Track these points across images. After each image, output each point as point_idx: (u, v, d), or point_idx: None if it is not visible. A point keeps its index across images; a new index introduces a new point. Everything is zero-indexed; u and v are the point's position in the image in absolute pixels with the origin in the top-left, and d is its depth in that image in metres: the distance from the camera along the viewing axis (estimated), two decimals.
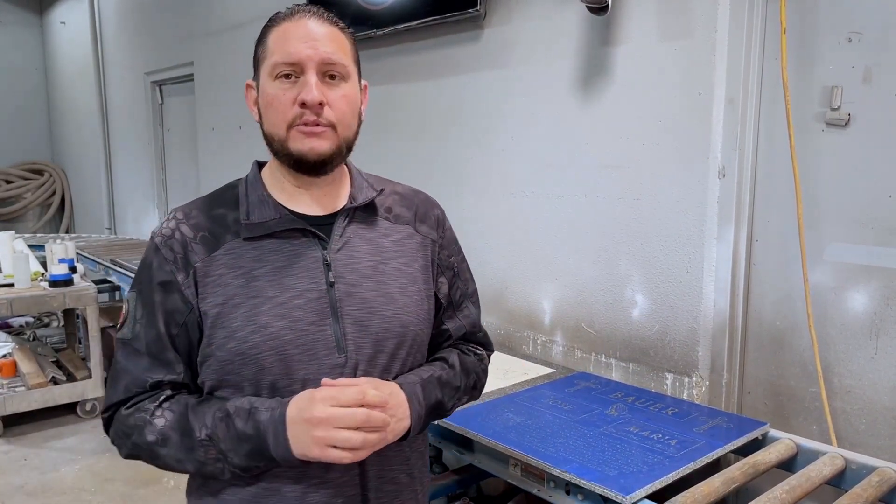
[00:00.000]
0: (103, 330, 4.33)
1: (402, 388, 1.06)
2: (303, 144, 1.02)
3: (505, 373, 2.23)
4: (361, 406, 0.95)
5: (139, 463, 1.12)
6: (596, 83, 2.25)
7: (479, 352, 1.26)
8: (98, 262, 4.38)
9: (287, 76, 1.02)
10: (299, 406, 0.96)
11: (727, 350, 2.08)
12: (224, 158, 4.57)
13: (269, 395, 1.02)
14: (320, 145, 1.03)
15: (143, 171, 5.90)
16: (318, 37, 1.02)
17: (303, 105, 1.00)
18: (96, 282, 4.35)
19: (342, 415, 0.94)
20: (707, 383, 2.06)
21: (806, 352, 1.94)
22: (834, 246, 1.89)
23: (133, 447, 1.05)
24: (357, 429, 0.95)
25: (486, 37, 2.63)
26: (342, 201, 1.12)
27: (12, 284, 3.85)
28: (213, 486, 1.08)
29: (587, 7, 2.12)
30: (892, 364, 1.80)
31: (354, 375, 1.04)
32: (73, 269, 4.02)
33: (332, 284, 1.05)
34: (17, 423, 3.98)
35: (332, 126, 1.03)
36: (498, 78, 2.60)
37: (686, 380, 2.08)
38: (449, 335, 1.21)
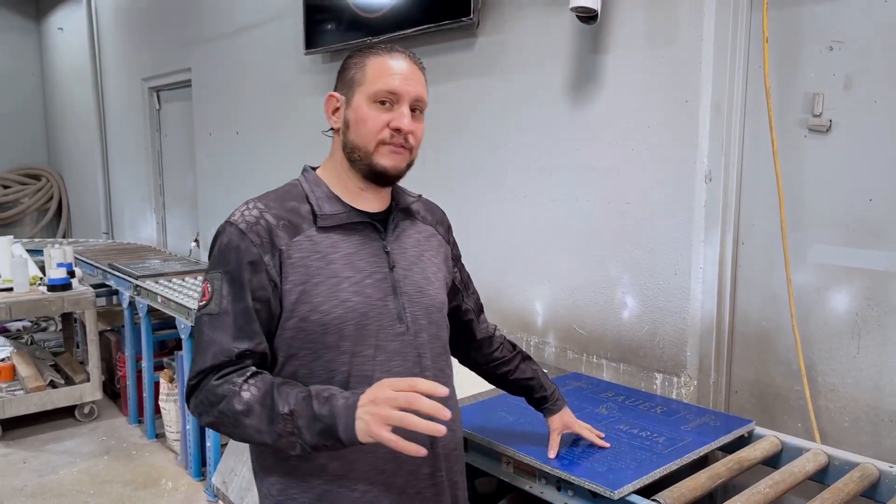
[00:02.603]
0: (101, 333, 4.36)
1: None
2: (388, 160, 1.25)
3: None
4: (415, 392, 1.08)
5: (138, 465, 1.18)
6: (586, 90, 2.31)
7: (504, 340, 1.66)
8: (96, 267, 4.41)
9: (383, 103, 1.23)
10: (369, 393, 1.10)
11: (714, 350, 2.13)
12: (221, 163, 4.60)
13: (346, 361, 1.21)
14: (399, 163, 1.27)
15: (141, 176, 5.92)
16: (414, 77, 1.26)
17: (396, 130, 1.23)
18: (94, 286, 4.38)
19: (395, 395, 1.06)
20: (695, 383, 2.11)
21: (790, 351, 1.99)
22: (817, 248, 1.94)
23: (219, 414, 1.16)
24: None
25: (480, 44, 2.68)
26: (387, 203, 1.35)
27: (11, 289, 3.87)
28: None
29: (577, 16, 2.17)
30: (874, 363, 1.85)
31: (414, 341, 1.28)
32: (71, 274, 4.05)
33: (392, 268, 1.28)
34: (16, 426, 4.00)
35: (410, 150, 1.28)
36: (491, 85, 2.65)
37: (675, 379, 2.13)
38: (472, 311, 1.57)
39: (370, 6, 3.05)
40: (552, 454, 1.60)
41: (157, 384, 3.72)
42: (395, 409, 1.06)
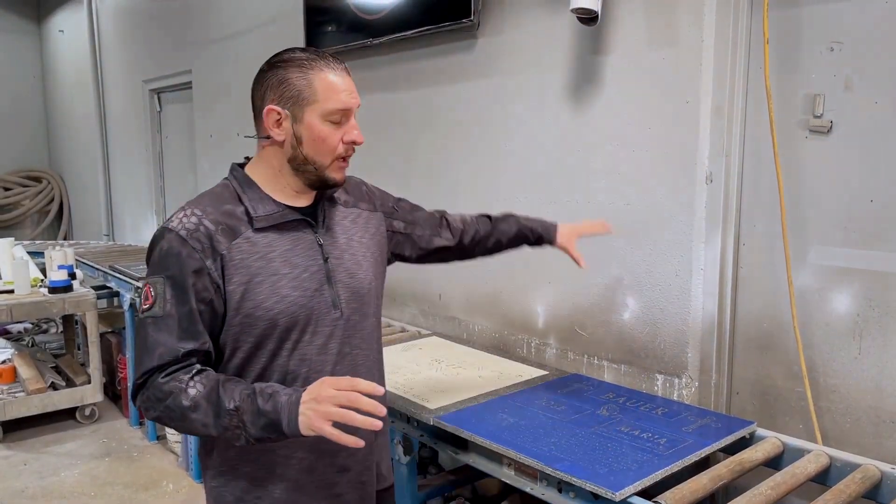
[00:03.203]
0: (102, 335, 4.37)
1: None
2: (339, 174, 1.36)
3: (499, 375, 2.27)
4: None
5: (139, 467, 1.21)
6: (586, 91, 2.31)
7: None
8: (97, 269, 4.41)
9: (336, 120, 1.31)
10: (311, 391, 1.19)
11: (716, 351, 2.12)
12: (222, 165, 4.59)
13: (289, 348, 1.32)
14: (345, 174, 1.39)
15: (141, 179, 5.92)
16: (353, 88, 1.34)
17: (352, 143, 1.34)
18: (95, 288, 4.38)
19: (338, 392, 1.17)
20: (696, 384, 2.11)
21: (792, 352, 1.99)
22: (818, 249, 1.94)
23: (164, 409, 1.24)
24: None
25: (480, 46, 2.68)
26: (313, 196, 1.41)
27: (12, 291, 3.88)
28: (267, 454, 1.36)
29: (577, 17, 2.17)
30: (875, 364, 1.85)
31: (347, 324, 1.39)
32: (72, 276, 4.05)
33: (326, 259, 1.37)
34: (17, 428, 4.01)
35: None
36: (491, 86, 2.65)
37: (676, 381, 2.13)
38: (430, 233, 1.69)
39: (370, 8, 3.05)
40: (583, 264, 1.82)
41: None
42: (335, 406, 1.15)
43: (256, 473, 1.37)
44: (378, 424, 1.16)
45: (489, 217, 1.80)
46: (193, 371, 1.25)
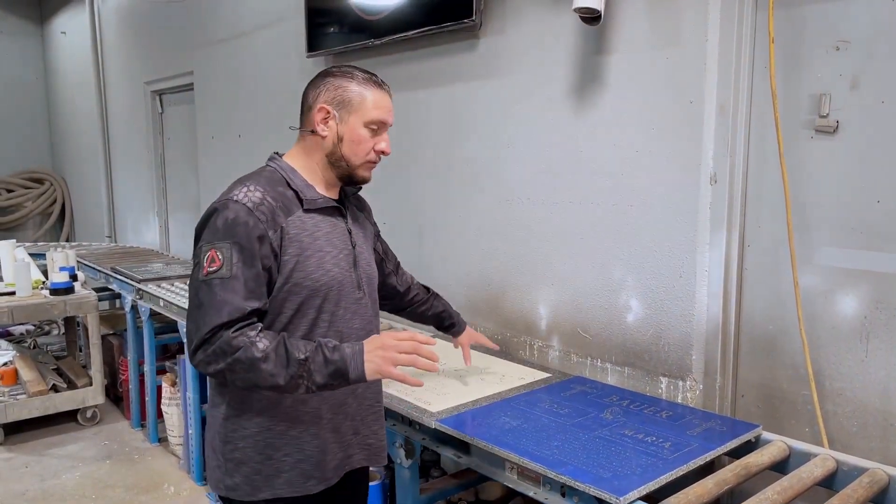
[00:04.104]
0: (104, 337, 4.36)
1: None
2: (367, 174, 1.60)
3: (502, 377, 2.26)
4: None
5: (140, 469, 1.20)
6: (589, 91, 2.29)
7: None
8: (99, 270, 4.40)
9: (373, 129, 1.54)
10: (373, 342, 1.44)
11: (720, 354, 2.10)
12: (224, 167, 4.60)
13: (326, 319, 1.53)
14: (371, 175, 1.62)
15: (143, 180, 5.92)
16: (392, 109, 1.58)
17: (382, 153, 1.58)
18: (97, 289, 4.37)
19: (400, 341, 1.45)
20: (701, 387, 2.09)
21: (797, 355, 1.97)
22: (824, 250, 1.92)
23: (233, 361, 1.37)
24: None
25: (482, 46, 2.67)
26: (338, 193, 1.64)
27: (13, 293, 3.87)
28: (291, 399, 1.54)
29: (580, 17, 2.16)
30: (882, 366, 1.83)
31: (367, 306, 1.63)
32: (73, 277, 4.05)
33: (354, 245, 1.60)
34: (18, 430, 4.00)
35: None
36: (493, 86, 2.63)
37: (680, 383, 2.11)
38: (393, 272, 1.96)
39: (372, 8, 3.04)
40: (469, 363, 2.18)
41: (159, 388, 3.71)
42: (400, 352, 1.43)
43: (288, 430, 1.53)
44: (436, 367, 1.49)
45: (427, 289, 2.08)
46: (259, 328, 1.41)
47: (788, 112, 1.94)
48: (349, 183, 1.61)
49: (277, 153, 1.61)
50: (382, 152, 1.57)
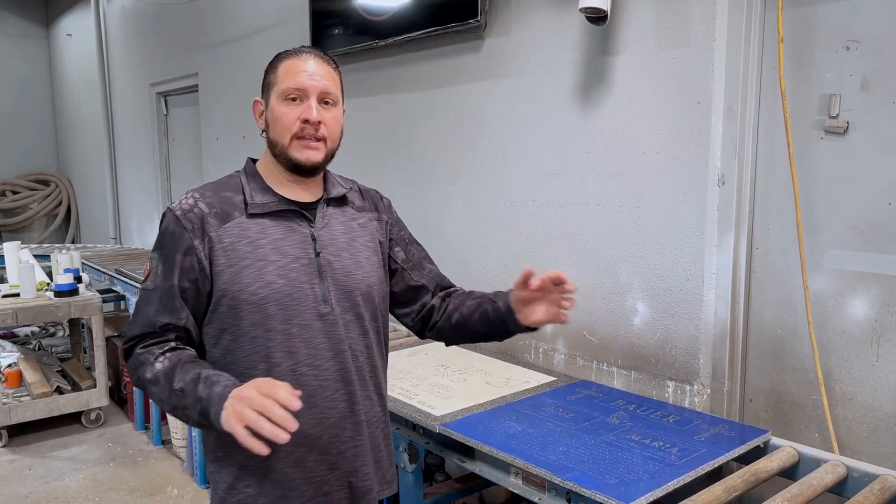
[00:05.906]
0: (108, 339, 4.35)
1: None
2: (301, 154, 1.36)
3: (507, 381, 2.24)
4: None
5: (143, 472, 1.20)
6: (596, 92, 2.27)
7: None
8: (103, 272, 4.40)
9: (293, 99, 1.34)
10: (239, 388, 1.18)
11: (728, 358, 2.08)
12: (228, 168, 4.55)
13: (275, 338, 1.32)
14: (314, 156, 1.36)
15: (148, 182, 5.93)
16: (320, 72, 1.36)
17: (305, 121, 1.33)
18: (101, 291, 4.37)
19: (258, 395, 1.14)
20: (708, 391, 2.06)
21: (807, 359, 1.94)
22: (834, 253, 1.89)
23: (137, 379, 1.32)
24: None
25: (487, 47, 2.65)
26: (320, 193, 1.45)
27: (18, 294, 3.87)
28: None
29: (586, 17, 2.14)
30: (894, 371, 1.80)
31: (337, 322, 1.38)
32: (78, 279, 4.05)
33: (318, 254, 1.38)
34: (22, 432, 4.01)
35: (324, 140, 1.36)
36: (498, 87, 2.61)
37: (687, 388, 2.08)
38: (428, 290, 1.58)
39: (377, 9, 3.02)
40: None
41: None
42: (251, 409, 1.13)
43: (247, 462, 1.36)
44: (283, 438, 1.12)
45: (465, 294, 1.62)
46: (167, 347, 1.31)
47: (798, 113, 1.92)
48: (295, 171, 1.38)
49: (252, 158, 1.48)
50: (305, 121, 1.33)
